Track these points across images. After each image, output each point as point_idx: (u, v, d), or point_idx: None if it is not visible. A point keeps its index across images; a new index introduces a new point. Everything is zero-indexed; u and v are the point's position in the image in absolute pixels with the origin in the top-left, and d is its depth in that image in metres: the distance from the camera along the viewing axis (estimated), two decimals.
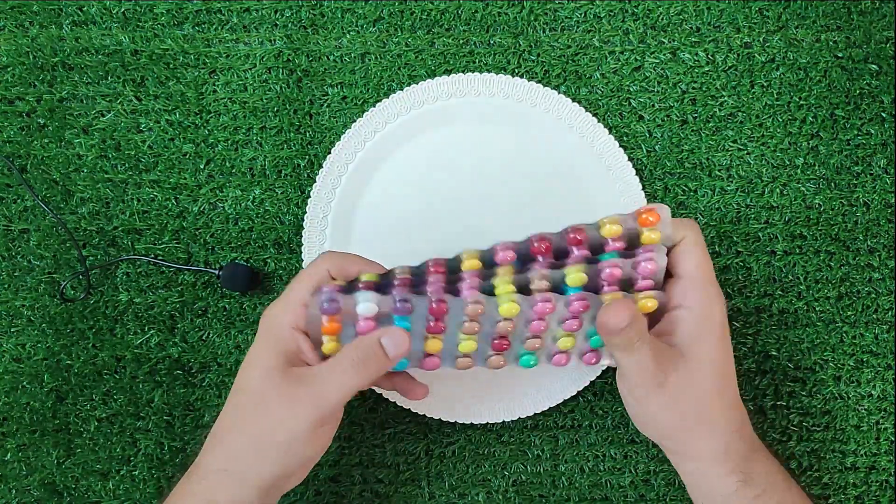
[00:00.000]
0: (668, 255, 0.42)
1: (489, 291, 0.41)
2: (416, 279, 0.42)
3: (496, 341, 0.43)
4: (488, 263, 0.43)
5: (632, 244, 0.42)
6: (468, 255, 0.42)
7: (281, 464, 0.41)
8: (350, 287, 0.41)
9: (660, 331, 0.43)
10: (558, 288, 0.42)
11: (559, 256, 0.42)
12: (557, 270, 0.41)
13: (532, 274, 0.41)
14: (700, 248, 0.42)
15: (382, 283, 0.42)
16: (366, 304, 0.40)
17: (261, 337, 0.42)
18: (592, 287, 0.42)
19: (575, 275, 0.41)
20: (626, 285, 0.42)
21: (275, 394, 0.40)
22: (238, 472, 0.41)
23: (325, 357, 0.42)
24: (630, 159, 0.53)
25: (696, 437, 0.43)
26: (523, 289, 0.41)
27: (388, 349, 0.41)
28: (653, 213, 0.41)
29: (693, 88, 0.54)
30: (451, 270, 0.42)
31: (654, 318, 0.44)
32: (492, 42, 0.55)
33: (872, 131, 0.54)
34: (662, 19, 0.55)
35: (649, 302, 0.42)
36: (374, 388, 0.50)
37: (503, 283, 0.41)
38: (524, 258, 0.42)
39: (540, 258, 0.42)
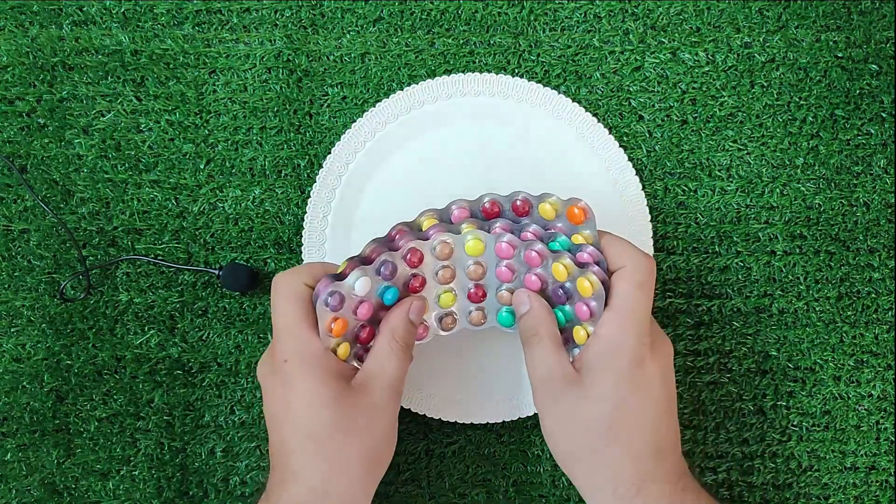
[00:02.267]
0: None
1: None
2: (385, 248, 0.45)
3: (472, 291, 0.47)
4: (446, 222, 0.46)
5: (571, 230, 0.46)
6: (426, 216, 0.46)
7: (380, 471, 0.43)
8: (338, 278, 0.43)
9: (575, 356, 0.44)
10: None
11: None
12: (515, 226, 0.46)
13: (493, 224, 0.46)
14: (628, 283, 0.42)
15: (360, 263, 0.44)
16: (360, 279, 0.43)
17: (302, 376, 0.41)
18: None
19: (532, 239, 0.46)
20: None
21: (354, 413, 0.42)
22: (336, 494, 0.41)
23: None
24: (630, 159, 0.53)
25: (586, 468, 0.42)
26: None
27: (415, 321, 0.45)
28: (580, 210, 0.44)
29: (693, 88, 0.55)
30: (415, 230, 0.46)
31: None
32: (492, 42, 0.55)
33: (872, 131, 0.54)
34: (662, 19, 0.55)
35: (584, 331, 0.44)
36: None
37: (467, 226, 0.45)
38: (477, 222, 0.46)
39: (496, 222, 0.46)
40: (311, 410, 0.41)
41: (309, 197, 0.53)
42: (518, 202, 0.46)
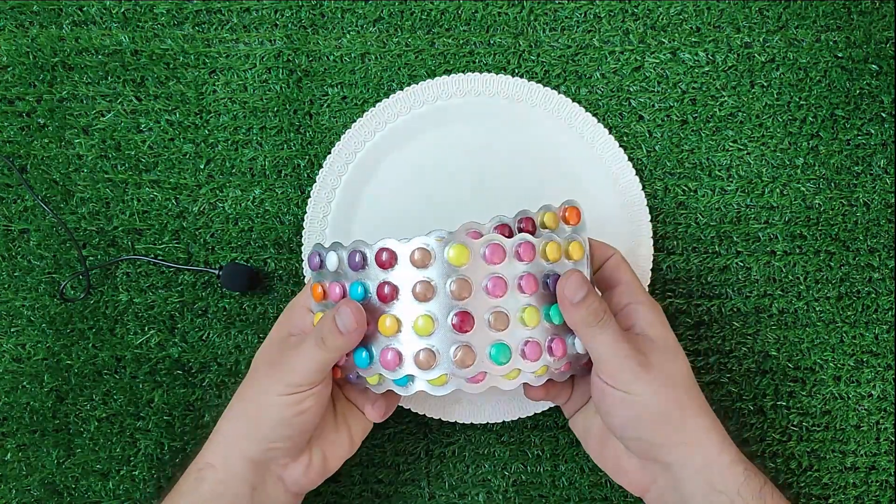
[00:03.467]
0: (600, 270, 0.45)
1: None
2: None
3: (457, 317, 0.40)
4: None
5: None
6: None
7: (262, 434, 0.42)
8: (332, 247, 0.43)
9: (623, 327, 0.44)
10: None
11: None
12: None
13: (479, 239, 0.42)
14: (627, 265, 0.45)
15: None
16: (330, 253, 0.42)
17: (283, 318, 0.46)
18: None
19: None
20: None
21: (264, 365, 0.44)
22: (230, 436, 0.43)
23: None
24: (630, 159, 0.53)
25: (696, 420, 0.42)
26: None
27: (339, 325, 0.40)
28: (571, 210, 0.45)
29: (693, 88, 0.55)
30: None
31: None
32: (492, 42, 0.55)
33: (872, 131, 0.54)
34: (662, 19, 0.55)
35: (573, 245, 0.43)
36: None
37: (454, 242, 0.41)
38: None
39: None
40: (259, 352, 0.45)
41: (309, 197, 0.53)
42: (521, 223, 0.47)
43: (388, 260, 0.40)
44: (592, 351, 0.42)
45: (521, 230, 0.46)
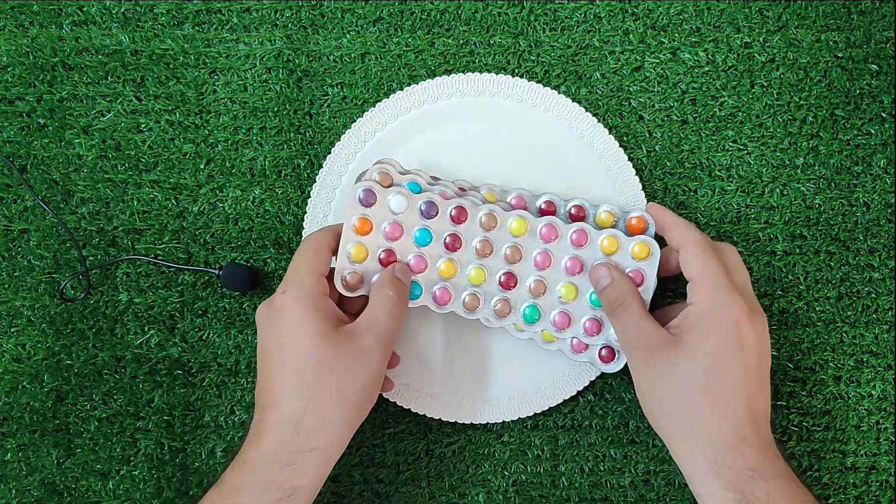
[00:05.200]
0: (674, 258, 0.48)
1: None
2: (438, 187, 0.49)
3: (503, 275, 0.48)
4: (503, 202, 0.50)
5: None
6: (487, 191, 0.50)
7: (358, 423, 0.44)
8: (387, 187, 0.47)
9: (671, 325, 0.45)
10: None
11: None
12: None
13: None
14: (700, 252, 0.45)
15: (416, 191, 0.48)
16: (399, 196, 0.47)
17: (294, 312, 0.43)
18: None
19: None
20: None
21: (340, 353, 0.42)
22: (325, 447, 0.42)
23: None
24: (630, 159, 0.53)
25: (684, 434, 0.42)
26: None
27: (403, 279, 0.46)
28: (639, 220, 0.49)
29: (693, 88, 0.55)
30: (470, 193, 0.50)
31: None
32: (492, 42, 0.55)
33: (872, 131, 0.54)
34: (662, 19, 0.55)
35: (638, 247, 0.48)
36: None
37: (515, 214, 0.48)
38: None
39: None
40: (298, 344, 0.43)
41: (309, 197, 0.53)
42: (572, 209, 0.50)
43: (458, 216, 0.47)
44: (614, 331, 0.47)
45: (571, 215, 0.50)
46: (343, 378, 0.42)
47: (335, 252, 0.47)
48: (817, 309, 0.53)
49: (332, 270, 0.47)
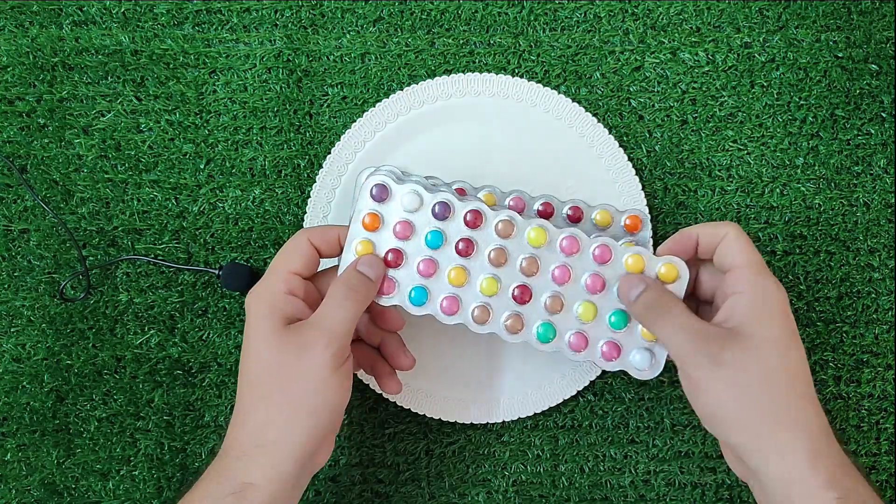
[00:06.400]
0: (715, 254, 0.43)
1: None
2: (447, 190, 0.45)
3: (518, 289, 0.45)
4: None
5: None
6: (486, 194, 0.48)
7: (313, 422, 0.41)
8: (401, 180, 0.45)
9: (716, 321, 0.41)
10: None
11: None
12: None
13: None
14: (743, 241, 0.41)
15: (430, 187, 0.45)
16: (411, 194, 0.44)
17: (252, 313, 0.42)
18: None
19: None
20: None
21: (285, 351, 0.41)
22: (271, 442, 0.40)
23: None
24: (630, 159, 0.53)
25: (776, 427, 0.37)
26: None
27: (366, 273, 0.43)
28: (633, 219, 0.49)
29: (693, 88, 0.55)
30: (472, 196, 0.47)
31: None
32: (492, 42, 0.55)
33: (872, 131, 0.54)
34: (662, 19, 0.55)
35: (668, 269, 0.43)
36: (365, 377, 0.50)
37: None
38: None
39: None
40: (249, 342, 0.42)
41: (309, 197, 0.53)
42: (570, 210, 0.49)
43: (473, 220, 0.44)
44: (661, 341, 0.43)
45: (569, 216, 0.49)
46: (285, 375, 0.41)
47: (322, 251, 0.45)
48: (817, 309, 0.53)
49: (334, 268, 0.47)
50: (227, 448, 0.41)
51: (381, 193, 0.44)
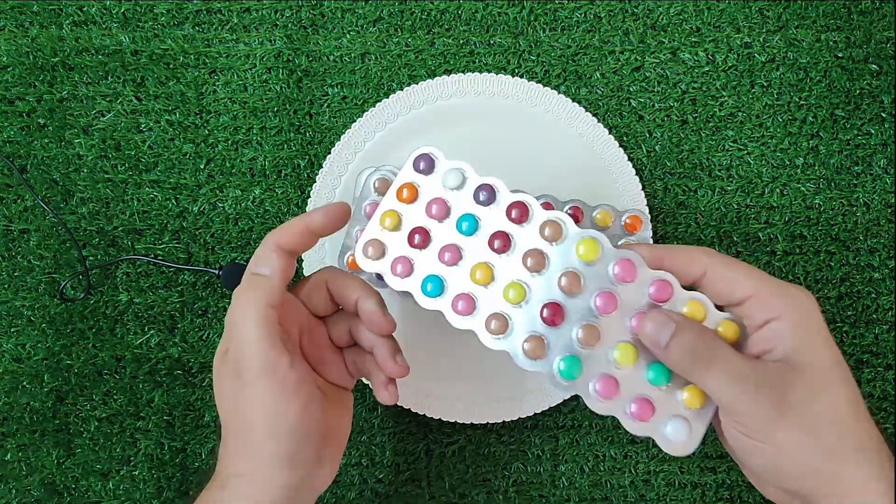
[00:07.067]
0: (716, 284, 0.37)
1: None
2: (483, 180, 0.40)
3: (549, 308, 0.37)
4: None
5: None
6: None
7: (273, 447, 0.36)
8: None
9: (757, 353, 0.36)
10: None
11: None
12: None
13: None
14: (731, 265, 0.37)
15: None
16: (454, 171, 0.39)
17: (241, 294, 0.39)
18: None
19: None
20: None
21: (222, 377, 0.38)
22: (248, 473, 0.37)
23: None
24: (630, 159, 0.53)
25: (846, 465, 0.34)
26: None
27: (260, 272, 0.38)
28: (633, 218, 0.48)
29: (693, 88, 0.55)
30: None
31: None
32: (492, 42, 0.55)
33: (872, 131, 0.54)
34: (662, 19, 0.55)
35: (729, 328, 0.36)
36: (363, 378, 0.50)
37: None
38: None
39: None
40: (216, 380, 0.39)
41: (309, 197, 0.53)
42: (570, 210, 0.47)
43: (518, 217, 0.38)
44: (711, 394, 0.35)
45: (570, 216, 0.41)
46: (234, 401, 0.37)
47: (296, 248, 0.40)
48: None
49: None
50: (215, 472, 0.39)
51: (427, 165, 0.39)
